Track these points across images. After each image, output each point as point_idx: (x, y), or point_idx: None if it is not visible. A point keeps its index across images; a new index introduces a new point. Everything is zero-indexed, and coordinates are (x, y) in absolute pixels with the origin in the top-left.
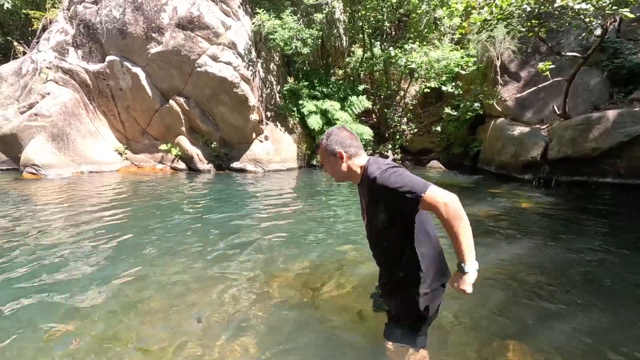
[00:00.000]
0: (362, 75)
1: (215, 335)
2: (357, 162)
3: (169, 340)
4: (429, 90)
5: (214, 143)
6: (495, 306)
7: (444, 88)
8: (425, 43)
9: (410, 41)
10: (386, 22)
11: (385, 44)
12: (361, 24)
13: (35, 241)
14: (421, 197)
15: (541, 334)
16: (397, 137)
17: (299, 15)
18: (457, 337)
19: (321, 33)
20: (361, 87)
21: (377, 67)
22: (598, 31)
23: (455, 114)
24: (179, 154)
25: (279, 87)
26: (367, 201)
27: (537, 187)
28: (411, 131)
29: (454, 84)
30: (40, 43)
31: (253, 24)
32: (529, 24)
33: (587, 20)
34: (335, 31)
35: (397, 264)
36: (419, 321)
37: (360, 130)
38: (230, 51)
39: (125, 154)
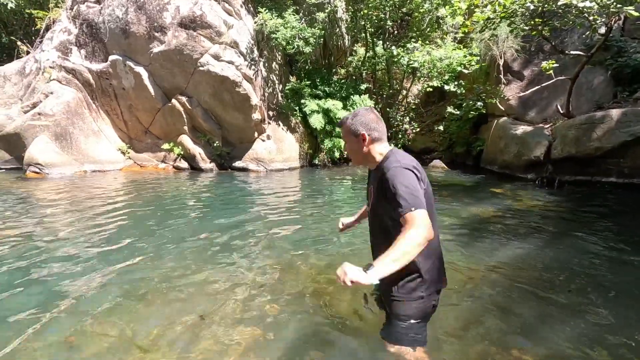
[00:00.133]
0: (364, 74)
1: (217, 332)
2: (378, 148)
3: (170, 337)
4: (431, 90)
5: (216, 142)
6: (497, 306)
7: (446, 87)
8: (427, 42)
9: (413, 40)
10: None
11: (388, 42)
12: (363, 22)
13: (37, 239)
14: (405, 212)
15: (544, 334)
16: (400, 136)
17: (301, 14)
18: (458, 337)
19: (323, 32)
20: (363, 86)
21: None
22: (602, 29)
23: (457, 113)
24: (182, 153)
25: (281, 86)
26: (375, 188)
27: (540, 187)
28: (413, 130)
29: (456, 83)
30: (43, 42)
31: (255, 23)
32: (532, 22)
33: (591, 18)
34: (338, 30)
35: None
36: (415, 321)
37: None
38: (232, 50)
39: (128, 153)
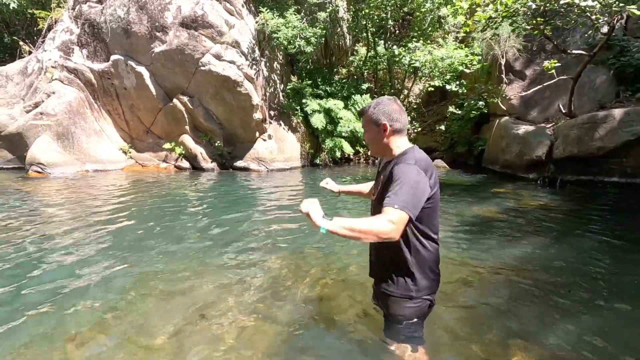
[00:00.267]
0: (365, 74)
1: (218, 330)
2: (398, 141)
3: (172, 335)
4: (432, 89)
5: (218, 142)
6: (499, 305)
7: (448, 87)
8: (429, 41)
9: (414, 40)
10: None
11: (389, 42)
12: (365, 22)
13: (39, 238)
14: (391, 205)
15: (545, 333)
16: None
17: (302, 14)
18: (460, 337)
19: (325, 32)
20: (365, 86)
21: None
22: (604, 29)
23: (459, 112)
24: (183, 152)
25: (282, 85)
26: (384, 178)
27: (542, 187)
28: (415, 130)
29: (458, 82)
30: (45, 42)
31: (257, 22)
32: (534, 21)
33: (593, 17)
34: (339, 30)
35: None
36: (410, 320)
37: None
38: (233, 50)
39: (130, 152)
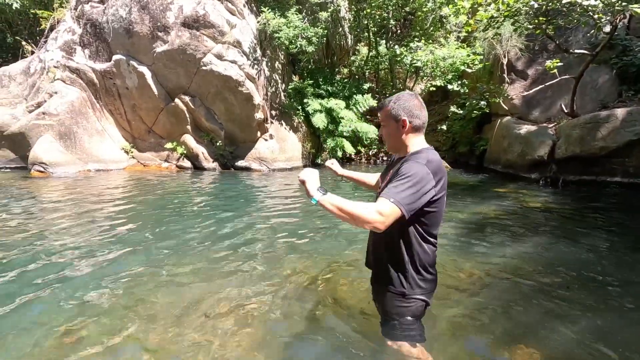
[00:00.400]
0: (367, 73)
1: (221, 331)
2: (415, 140)
3: (173, 334)
4: (434, 89)
5: (219, 141)
6: (500, 306)
7: (449, 86)
8: (431, 41)
9: (416, 39)
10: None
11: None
12: (366, 22)
13: (41, 238)
14: (387, 198)
15: (547, 334)
16: None
17: (304, 13)
18: (459, 336)
19: (326, 31)
20: (366, 86)
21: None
22: (607, 28)
23: (461, 112)
24: (185, 152)
25: (283, 85)
26: (392, 172)
27: (544, 186)
28: None
29: (459, 82)
30: (48, 42)
31: (258, 22)
32: (536, 21)
33: (595, 17)
34: (340, 29)
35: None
36: (404, 318)
37: (365, 129)
38: (235, 50)
39: (132, 152)
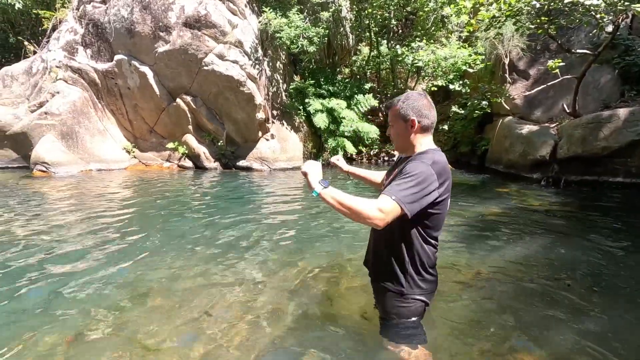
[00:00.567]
0: (368, 73)
1: (222, 330)
2: (423, 140)
3: (175, 333)
4: (436, 89)
5: (221, 141)
6: (501, 306)
7: (451, 86)
8: (432, 41)
9: (417, 39)
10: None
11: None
12: (368, 22)
13: (43, 237)
14: (389, 195)
15: (548, 334)
16: None
17: (305, 13)
18: (460, 336)
19: (327, 31)
20: (367, 86)
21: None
22: (609, 28)
23: (462, 112)
24: (186, 152)
25: (285, 85)
26: (397, 171)
27: (546, 187)
28: None
29: (461, 82)
30: (50, 42)
31: (259, 22)
32: (538, 20)
33: (598, 16)
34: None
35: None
36: (405, 319)
37: (367, 129)
38: (236, 50)
39: (133, 152)
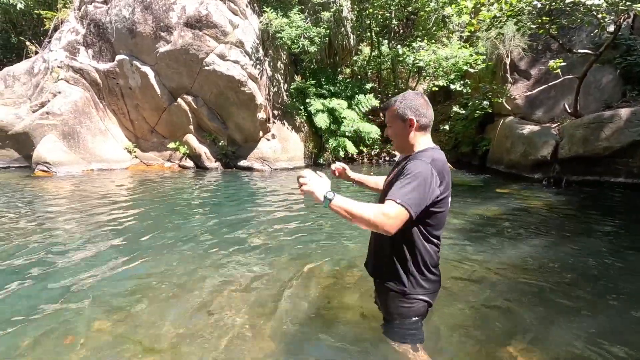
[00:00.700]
0: (369, 73)
1: (224, 330)
2: (422, 139)
3: (176, 333)
4: (437, 89)
5: (222, 141)
6: (502, 305)
7: (452, 86)
8: (433, 41)
9: (419, 39)
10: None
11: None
12: (369, 22)
13: (45, 237)
14: (393, 199)
15: (548, 335)
16: None
17: (306, 13)
18: (460, 336)
19: (328, 31)
20: (368, 86)
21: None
22: (611, 28)
23: (463, 112)
24: (187, 152)
25: (286, 85)
26: (397, 171)
27: (547, 187)
28: None
29: (462, 82)
30: (51, 43)
31: (260, 22)
32: (539, 20)
33: (599, 16)
34: (343, 29)
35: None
36: (407, 319)
37: (367, 129)
38: (237, 50)
39: (135, 152)
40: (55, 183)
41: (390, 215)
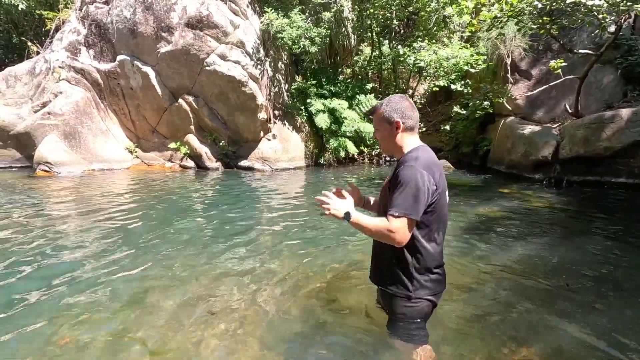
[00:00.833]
0: (370, 73)
1: (225, 330)
2: (409, 140)
3: (177, 333)
4: (437, 89)
5: (223, 141)
6: (503, 306)
7: (453, 87)
8: (434, 41)
9: (419, 39)
10: (395, 20)
11: (394, 42)
12: (369, 22)
13: (46, 237)
14: (394, 213)
15: (550, 334)
16: None
17: (307, 14)
18: (462, 336)
19: (329, 32)
20: (369, 86)
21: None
22: (612, 28)
23: (464, 112)
24: (188, 152)
25: (286, 85)
26: (389, 180)
27: (548, 187)
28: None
29: (463, 82)
30: (53, 43)
31: (261, 22)
32: (540, 21)
33: (600, 16)
34: (344, 30)
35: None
36: (411, 319)
37: (368, 129)
38: (238, 50)
39: (136, 152)
40: (57, 183)
41: (393, 229)
